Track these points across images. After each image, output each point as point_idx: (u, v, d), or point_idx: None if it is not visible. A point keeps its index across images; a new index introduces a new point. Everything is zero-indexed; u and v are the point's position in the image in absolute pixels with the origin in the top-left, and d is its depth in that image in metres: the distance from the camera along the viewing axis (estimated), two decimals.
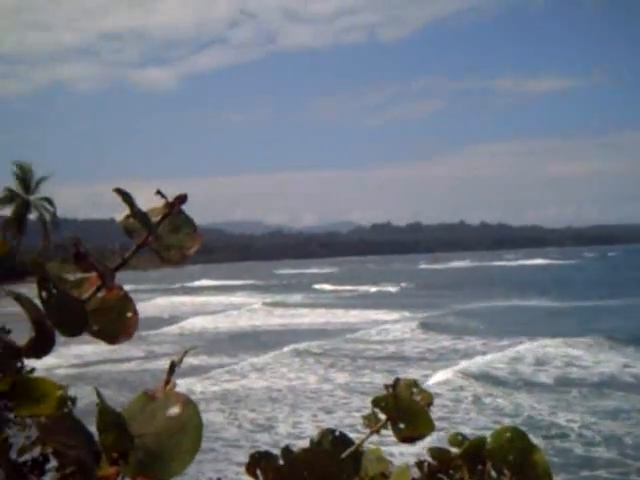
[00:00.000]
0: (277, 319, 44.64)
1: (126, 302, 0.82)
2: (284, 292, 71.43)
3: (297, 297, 63.90)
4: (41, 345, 0.75)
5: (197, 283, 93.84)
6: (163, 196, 0.85)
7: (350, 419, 17.61)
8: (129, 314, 0.82)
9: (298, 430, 17.37)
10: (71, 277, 0.80)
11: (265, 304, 54.14)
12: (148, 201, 0.88)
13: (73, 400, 2.50)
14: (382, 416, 1.17)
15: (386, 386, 1.16)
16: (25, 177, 74.07)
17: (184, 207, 0.89)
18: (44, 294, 0.74)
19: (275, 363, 26.77)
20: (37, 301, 0.75)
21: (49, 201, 74.45)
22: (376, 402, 1.16)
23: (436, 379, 22.10)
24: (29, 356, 0.76)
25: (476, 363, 25.07)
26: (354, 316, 44.34)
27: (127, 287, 0.84)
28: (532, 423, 17.16)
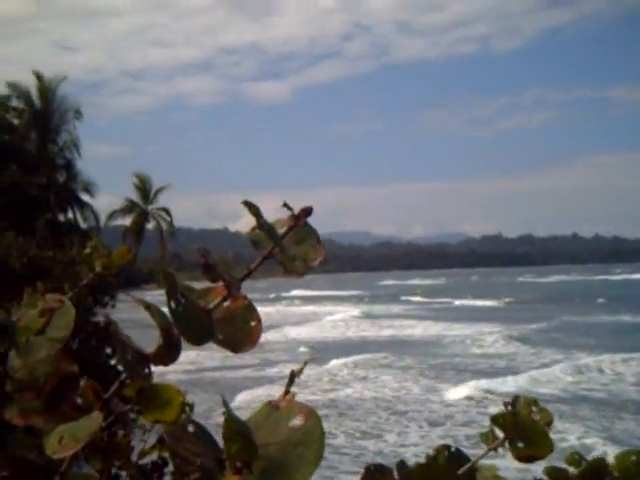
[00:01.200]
0: (378, 330, 44.61)
1: (250, 311, 0.83)
2: (384, 303, 71.52)
3: (397, 309, 63.73)
4: (168, 353, 0.77)
5: (302, 292, 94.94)
6: (289, 208, 0.86)
7: (454, 431, 17.45)
8: (253, 323, 0.83)
9: (402, 438, 17.33)
10: (197, 286, 0.82)
11: (355, 316, 54.15)
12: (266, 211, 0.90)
13: (191, 406, 2.56)
14: (500, 434, 1.14)
15: (505, 403, 1.12)
16: (144, 188, 77.04)
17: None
18: (173, 303, 0.75)
19: (378, 373, 26.68)
20: (165, 309, 0.77)
21: (166, 211, 77.15)
22: (495, 419, 1.12)
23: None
24: (156, 363, 0.78)
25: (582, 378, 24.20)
26: (455, 329, 43.80)
27: None
28: None
